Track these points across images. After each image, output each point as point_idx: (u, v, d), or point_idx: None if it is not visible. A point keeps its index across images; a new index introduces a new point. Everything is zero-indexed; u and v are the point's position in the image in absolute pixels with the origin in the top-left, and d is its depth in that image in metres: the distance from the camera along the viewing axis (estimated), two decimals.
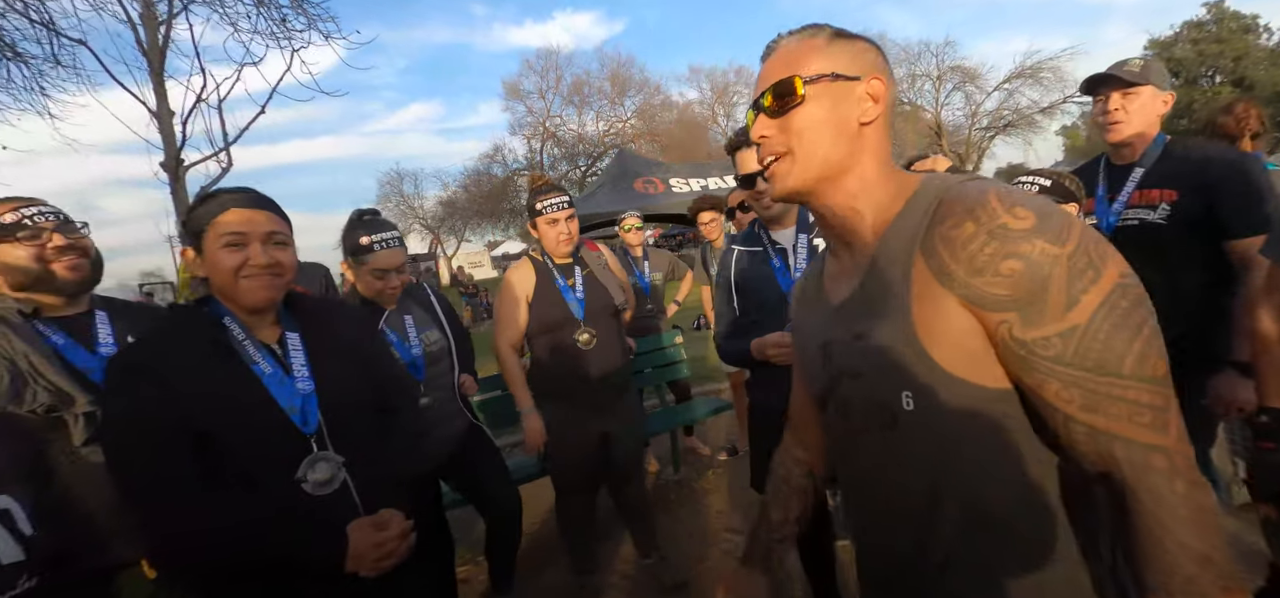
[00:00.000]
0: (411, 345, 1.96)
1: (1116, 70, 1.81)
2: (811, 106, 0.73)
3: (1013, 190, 0.63)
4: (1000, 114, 27.26)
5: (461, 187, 30.31)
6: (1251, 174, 1.67)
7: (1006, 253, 0.59)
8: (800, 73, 0.73)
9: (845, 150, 0.73)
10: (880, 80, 0.73)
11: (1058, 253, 0.58)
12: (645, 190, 13.31)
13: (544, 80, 30.14)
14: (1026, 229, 0.59)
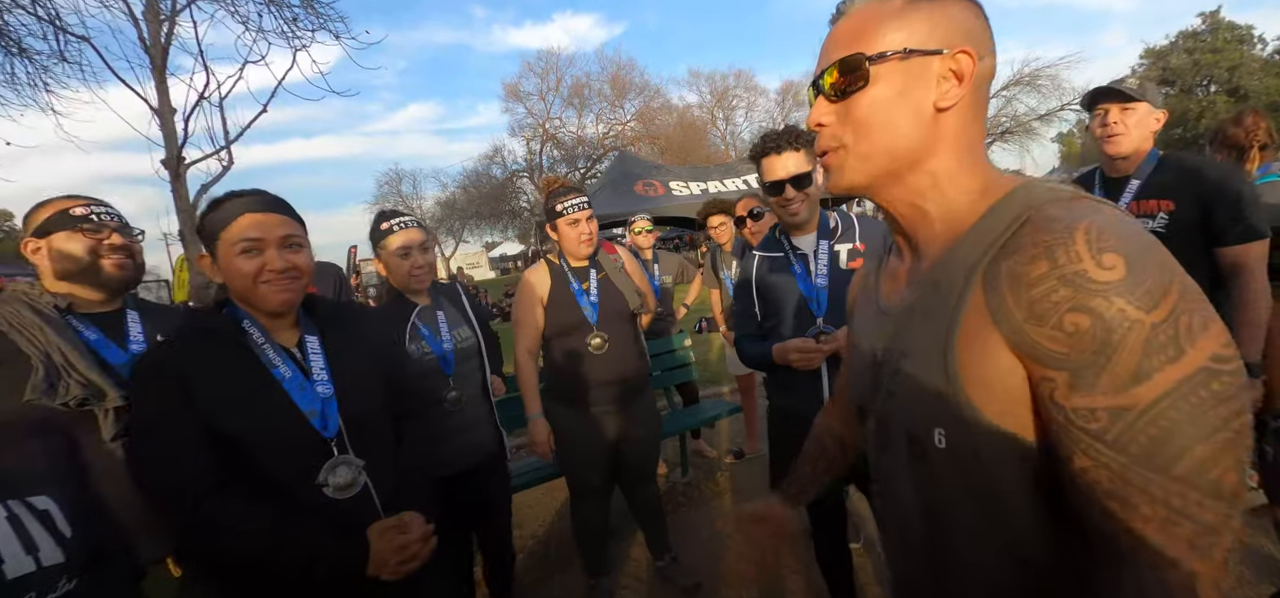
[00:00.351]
0: (443, 340, 1.95)
1: (1116, 85, 1.87)
2: (876, 90, 0.62)
3: (1114, 227, 0.51)
4: (998, 121, 27.37)
5: (460, 187, 30.31)
6: (1240, 184, 1.74)
7: (1076, 304, 0.49)
8: (865, 49, 0.62)
9: (915, 141, 0.63)
10: (968, 54, 0.60)
11: (1139, 319, 0.47)
12: (645, 193, 13.33)
13: (544, 82, 30.16)
14: (1109, 282, 0.49)
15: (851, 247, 1.77)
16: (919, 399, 0.63)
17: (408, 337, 1.90)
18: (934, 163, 0.64)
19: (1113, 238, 0.50)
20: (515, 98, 30.36)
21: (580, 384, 2.13)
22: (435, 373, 1.91)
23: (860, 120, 0.63)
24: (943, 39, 0.61)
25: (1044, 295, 0.51)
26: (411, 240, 1.92)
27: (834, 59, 0.64)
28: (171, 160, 5.86)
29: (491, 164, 30.01)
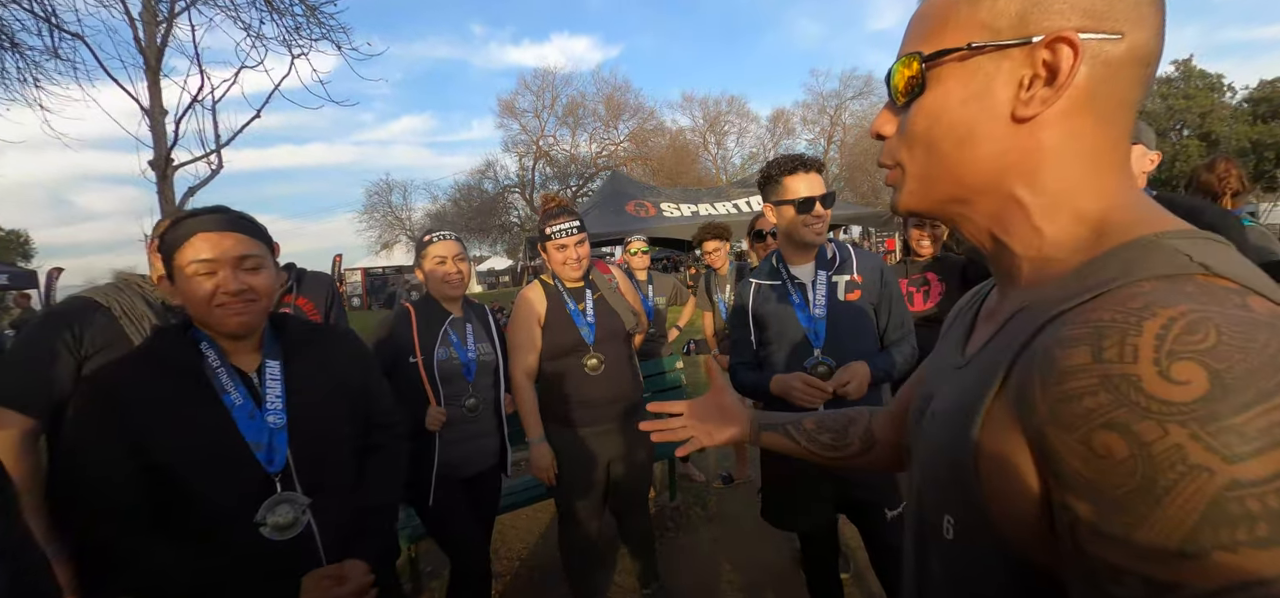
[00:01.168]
0: (468, 349, 2.08)
1: None
2: (934, 97, 0.50)
3: (1218, 328, 0.35)
4: None
5: (451, 200, 30.26)
6: (1236, 228, 1.81)
7: (1111, 420, 0.35)
8: (926, 45, 0.50)
9: (988, 160, 0.49)
10: (1070, 43, 0.44)
11: (1212, 467, 0.32)
12: (636, 213, 13.40)
13: (539, 100, 30.39)
14: (1169, 401, 0.33)
15: (849, 278, 1.77)
16: (936, 476, 0.52)
17: (439, 340, 2.02)
18: (1019, 188, 0.49)
19: (1204, 342, 0.34)
20: (510, 114, 30.53)
21: (576, 405, 2.11)
22: (459, 378, 2.02)
23: (917, 135, 0.52)
24: (1036, 23, 0.45)
25: (1074, 395, 0.37)
26: (447, 251, 2.08)
27: (901, 53, 0.52)
28: (160, 161, 5.78)
29: (483, 178, 30.08)
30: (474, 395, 2.06)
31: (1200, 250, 0.42)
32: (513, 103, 30.52)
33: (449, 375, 2.01)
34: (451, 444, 2.01)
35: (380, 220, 31.30)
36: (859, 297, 1.76)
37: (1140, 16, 0.45)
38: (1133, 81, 0.46)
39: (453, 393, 2.02)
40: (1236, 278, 0.39)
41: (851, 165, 30.23)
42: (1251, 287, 0.38)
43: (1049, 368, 0.39)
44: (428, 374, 1.98)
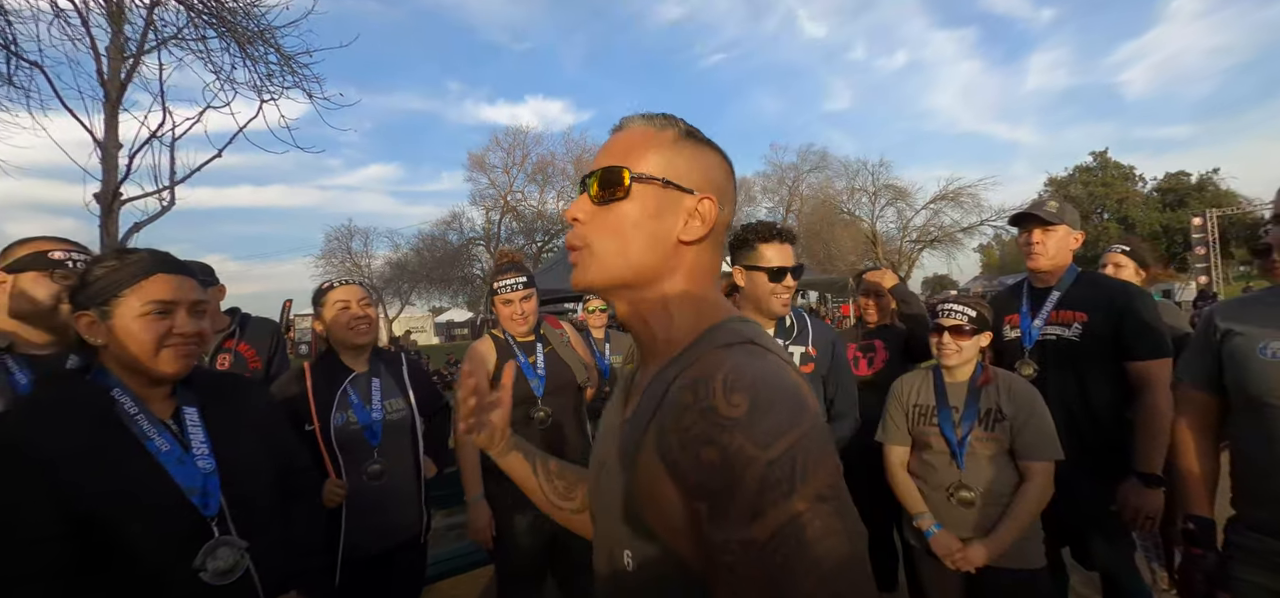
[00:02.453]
0: (372, 409, 1.89)
1: (1037, 210, 2.10)
2: (631, 205, 0.66)
3: (753, 371, 0.55)
4: (927, 230, 29.98)
5: (413, 249, 29.81)
6: (1147, 306, 1.94)
7: (708, 438, 0.53)
8: (631, 166, 0.66)
9: (654, 261, 0.67)
10: (712, 201, 0.67)
11: (755, 455, 0.51)
12: None
13: (510, 156, 30.75)
14: (734, 419, 0.52)
15: (805, 350, 1.83)
16: (613, 516, 0.65)
17: (336, 404, 1.84)
18: (667, 287, 0.68)
19: (746, 380, 0.54)
20: (480, 168, 30.72)
21: None
22: (360, 444, 1.84)
23: (611, 227, 0.67)
24: (698, 181, 0.67)
25: (688, 426, 0.55)
26: (350, 295, 1.93)
27: (609, 165, 0.67)
28: (107, 194, 5.52)
29: (448, 229, 29.86)
30: (379, 460, 1.86)
31: (746, 327, 0.65)
32: (483, 158, 30.79)
33: (348, 442, 1.83)
34: (357, 518, 1.81)
35: (338, 266, 30.42)
36: (812, 369, 1.81)
37: (733, 202, 0.72)
38: (722, 239, 0.72)
39: (354, 461, 1.83)
40: (759, 343, 0.62)
41: (809, 233, 31.52)
42: (768, 349, 0.62)
43: (672, 414, 0.57)
44: (324, 443, 1.80)
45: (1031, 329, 2.07)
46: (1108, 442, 1.93)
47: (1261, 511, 1.28)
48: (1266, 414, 1.25)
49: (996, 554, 1.69)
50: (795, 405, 0.54)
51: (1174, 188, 31.58)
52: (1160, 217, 30.31)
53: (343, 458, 1.82)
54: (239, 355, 2.30)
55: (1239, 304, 1.40)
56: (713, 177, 0.69)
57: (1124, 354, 1.91)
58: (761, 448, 0.51)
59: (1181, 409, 1.49)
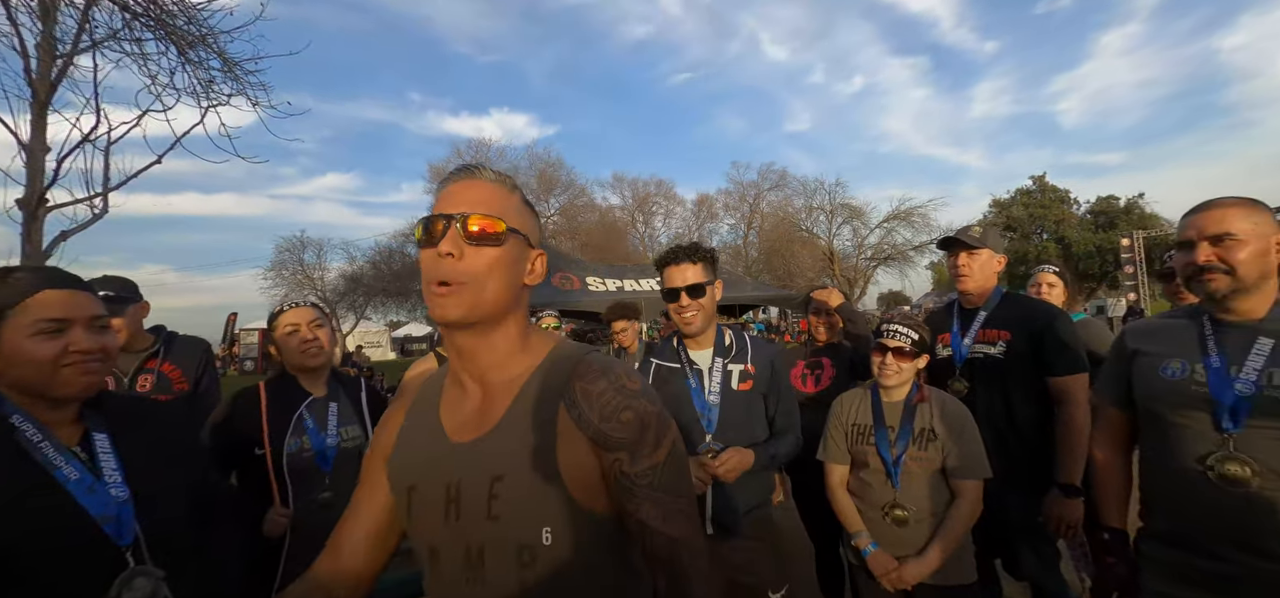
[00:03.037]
0: (327, 435, 1.83)
1: (961, 235, 2.21)
2: (504, 253, 0.80)
3: (617, 361, 0.86)
4: (881, 248, 31.06)
5: (370, 261, 28.94)
6: (1066, 325, 2.06)
7: (626, 406, 0.80)
8: (508, 219, 0.81)
9: (510, 300, 0.82)
10: (542, 254, 0.88)
11: (653, 409, 0.82)
12: (562, 286, 13.44)
13: None
14: (636, 390, 0.82)
15: (743, 368, 1.85)
16: (526, 508, 0.78)
17: (291, 429, 1.77)
18: (514, 321, 0.85)
19: (627, 368, 0.86)
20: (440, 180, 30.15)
21: None
22: (312, 471, 1.78)
23: (485, 269, 0.79)
24: (534, 235, 0.88)
25: (609, 402, 0.80)
26: (300, 317, 1.88)
27: (478, 210, 0.79)
28: (31, 200, 5.14)
29: (407, 241, 29.09)
30: (330, 489, 1.77)
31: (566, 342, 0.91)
32: (444, 170, 30.23)
33: (300, 469, 1.76)
34: (301, 548, 1.68)
35: (289, 279, 29.21)
36: (751, 386, 1.84)
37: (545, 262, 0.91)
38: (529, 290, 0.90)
39: (304, 489, 1.76)
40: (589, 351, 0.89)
41: (769, 250, 32.21)
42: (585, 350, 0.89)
43: (589, 398, 0.81)
44: (274, 469, 1.72)
45: (961, 348, 2.16)
46: (1033, 455, 2.02)
47: (1163, 521, 1.36)
48: (1167, 429, 1.33)
49: (929, 573, 1.74)
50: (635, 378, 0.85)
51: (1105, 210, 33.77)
52: (1093, 237, 32.26)
53: (292, 485, 1.75)
54: (162, 376, 2.18)
55: (1146, 326, 1.49)
56: (538, 236, 0.89)
57: (1044, 370, 2.01)
58: (654, 403, 0.83)
59: (1097, 425, 1.57)
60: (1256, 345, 1.24)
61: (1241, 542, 1.20)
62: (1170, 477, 1.32)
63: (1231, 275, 1.25)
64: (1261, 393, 1.20)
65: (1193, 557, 1.28)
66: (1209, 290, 1.28)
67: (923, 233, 29.65)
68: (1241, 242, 1.24)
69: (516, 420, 0.81)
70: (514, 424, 0.81)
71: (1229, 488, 1.21)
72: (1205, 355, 1.29)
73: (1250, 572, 1.19)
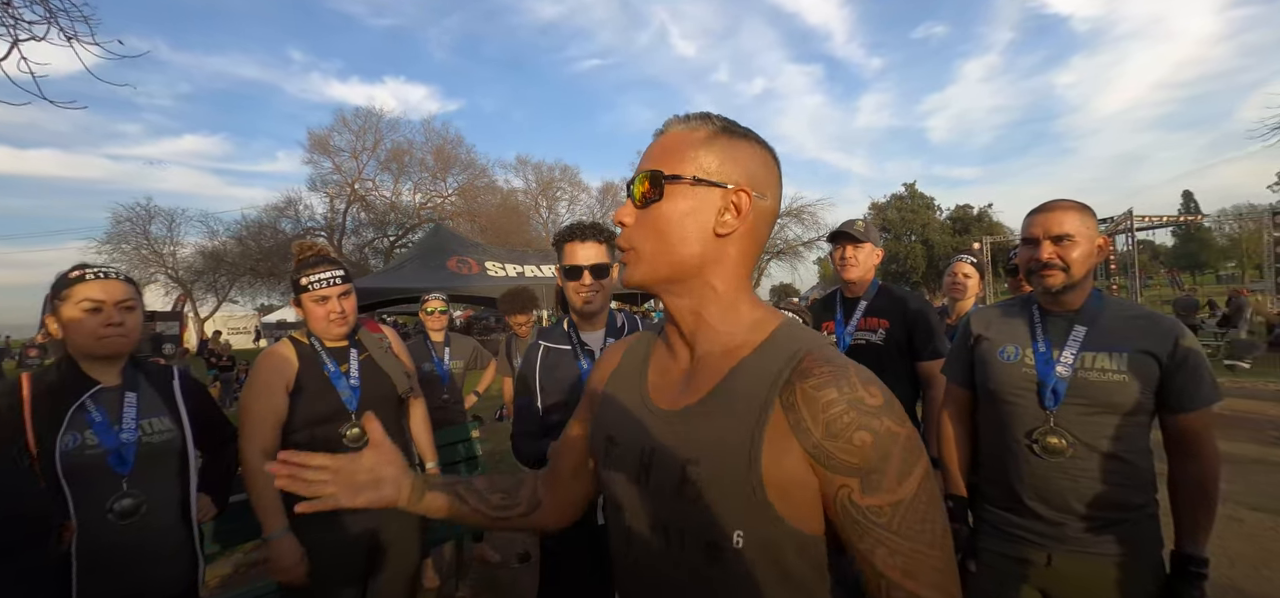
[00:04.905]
0: (121, 429, 1.51)
1: (847, 228, 2.36)
2: (669, 206, 0.71)
3: (855, 365, 0.67)
4: (773, 243, 33.05)
5: (235, 237, 25.70)
6: (932, 314, 2.26)
7: (861, 425, 0.63)
8: (665, 168, 0.71)
9: (696, 255, 0.71)
10: (747, 194, 0.70)
11: (899, 432, 0.63)
12: (459, 270, 12.80)
13: (360, 140, 27.97)
14: (878, 407, 0.64)
15: None
16: (719, 501, 0.67)
17: (67, 423, 1.44)
18: (713, 279, 0.73)
19: (867, 374, 0.66)
20: (323, 150, 27.53)
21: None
22: (102, 474, 1.46)
23: (653, 228, 0.72)
24: (731, 175, 0.71)
25: (838, 415, 0.63)
26: (106, 293, 1.52)
27: (644, 170, 0.73)
28: None
29: (282, 217, 26.27)
30: (131, 494, 1.50)
31: (802, 327, 0.73)
32: (327, 139, 27.65)
33: (83, 471, 1.45)
34: (95, 571, 1.44)
35: (130, 254, 25.13)
36: (611, 353, 1.80)
37: (773, 186, 0.74)
38: (766, 227, 0.75)
39: (92, 496, 1.46)
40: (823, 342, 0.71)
41: None
42: None
43: (814, 406, 0.65)
44: (44, 472, 1.41)
45: (845, 335, 2.31)
46: None
47: (995, 487, 1.51)
48: (1001, 407, 1.47)
49: None
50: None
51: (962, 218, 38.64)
52: (952, 240, 36.75)
53: (73, 492, 1.42)
54: None
55: (987, 313, 1.63)
56: (748, 169, 0.71)
57: (914, 356, 2.20)
58: (901, 425, 0.64)
59: (945, 403, 1.71)
60: (1073, 333, 1.40)
61: (1057, 503, 1.37)
62: (1003, 449, 1.47)
63: (1067, 272, 1.39)
64: (1076, 375, 1.36)
65: (1016, 516, 1.44)
66: (1047, 284, 1.41)
67: (811, 230, 31.98)
68: (1076, 241, 1.38)
69: (721, 403, 0.69)
70: (717, 407, 0.69)
71: (1049, 458, 1.37)
72: (1033, 342, 1.44)
73: (1057, 528, 1.37)
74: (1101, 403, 1.34)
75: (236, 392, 12.23)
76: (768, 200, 0.73)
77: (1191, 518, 1.34)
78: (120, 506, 1.47)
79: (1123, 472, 1.33)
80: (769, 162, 0.74)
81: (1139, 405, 1.33)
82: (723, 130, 0.72)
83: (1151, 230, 19.65)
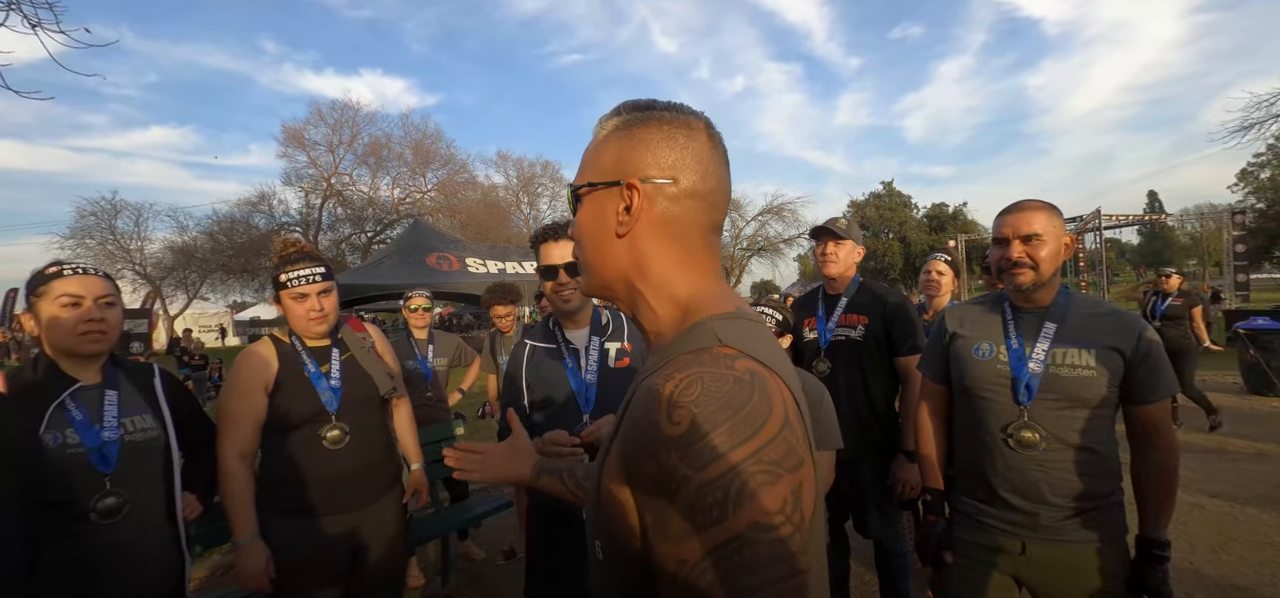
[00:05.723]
0: (102, 427, 1.49)
1: (830, 225, 2.41)
2: (581, 217, 0.68)
3: (703, 384, 0.51)
4: (755, 240, 33.32)
5: (206, 232, 25.02)
6: (911, 310, 2.31)
7: (648, 452, 0.51)
8: (577, 179, 0.68)
9: (610, 263, 0.66)
10: (633, 188, 0.62)
11: (690, 476, 0.48)
12: (439, 266, 12.64)
13: (336, 134, 27.37)
14: (669, 437, 0.49)
15: (620, 345, 1.82)
16: (588, 508, 0.65)
17: (47, 422, 1.41)
18: (637, 281, 0.65)
19: (693, 395, 0.50)
20: (298, 144, 26.88)
21: (309, 488, 1.75)
22: (86, 472, 1.44)
23: (579, 241, 0.69)
24: (621, 169, 0.64)
25: (634, 438, 0.53)
26: (86, 289, 1.50)
27: None
28: None
29: (255, 211, 25.64)
30: (114, 493, 1.47)
31: (726, 328, 0.58)
32: (302, 132, 26.99)
33: (65, 471, 1.43)
34: (76, 574, 1.41)
35: (95, 250, 24.33)
36: (628, 363, 1.81)
37: (686, 166, 0.64)
38: (695, 209, 0.64)
39: (78, 495, 1.45)
40: (738, 347, 0.55)
41: None
42: (744, 351, 0.55)
43: (628, 420, 0.55)
44: None
45: (826, 331, 2.35)
46: (884, 427, 2.27)
47: (970, 480, 1.55)
48: (977, 403, 1.51)
49: None
50: (745, 424, 0.49)
51: (937, 215, 39.38)
52: (928, 238, 37.45)
53: (57, 493, 1.41)
54: None
55: (961, 311, 1.67)
56: (646, 157, 0.63)
57: (893, 351, 2.25)
58: (694, 469, 0.48)
59: (922, 398, 1.76)
60: (1044, 329, 1.45)
61: (1031, 494, 1.42)
62: (979, 443, 1.51)
63: (1036, 270, 1.44)
64: (1048, 371, 1.41)
65: (992, 507, 1.48)
66: (1017, 283, 1.46)
67: (792, 227, 32.32)
68: (1044, 241, 1.43)
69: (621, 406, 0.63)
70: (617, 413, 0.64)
71: (1023, 451, 1.41)
72: (1007, 339, 1.49)
73: (1031, 518, 1.42)
74: (1072, 397, 1.39)
75: (211, 392, 11.93)
76: (681, 181, 0.63)
77: (1154, 504, 1.40)
78: (103, 505, 1.45)
79: (1091, 462, 1.39)
80: (679, 139, 0.63)
81: (1105, 399, 1.38)
82: (624, 122, 0.65)
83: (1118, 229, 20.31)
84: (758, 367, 0.54)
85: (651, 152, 0.63)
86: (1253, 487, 4.01)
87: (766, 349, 0.58)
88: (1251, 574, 2.88)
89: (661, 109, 0.66)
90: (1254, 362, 6.93)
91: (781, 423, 0.50)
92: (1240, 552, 3.11)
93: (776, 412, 0.51)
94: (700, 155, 0.64)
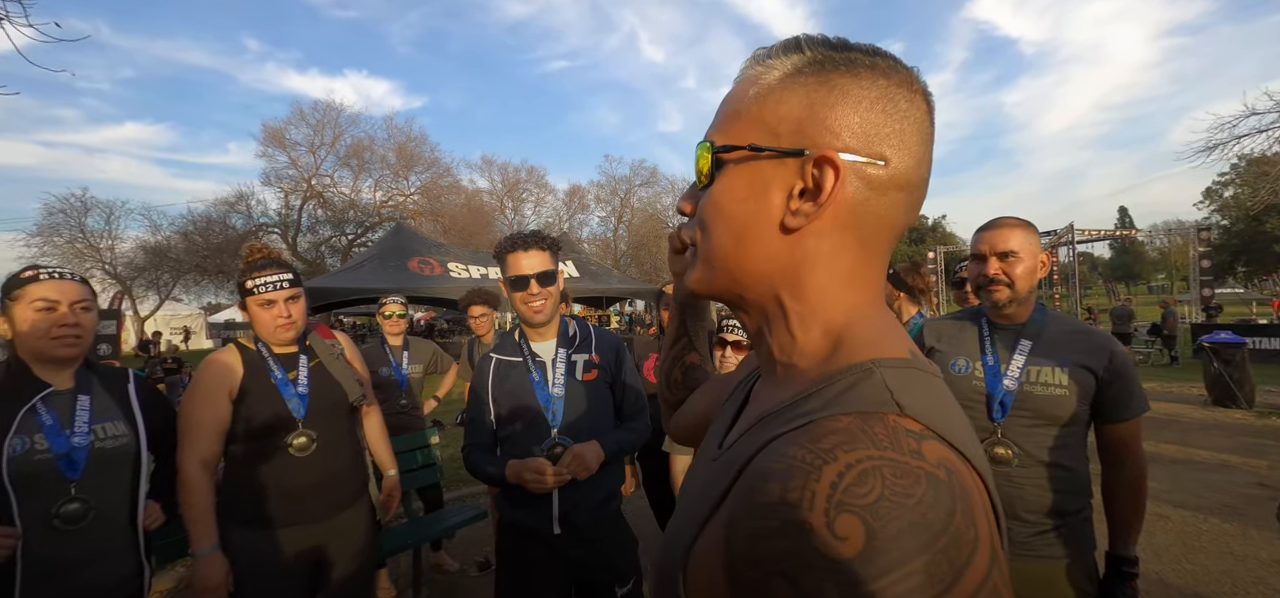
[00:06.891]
0: (72, 433, 1.48)
1: None
2: (720, 189, 0.48)
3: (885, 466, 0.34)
4: None
5: (180, 232, 24.46)
6: None
7: (786, 571, 0.34)
8: (715, 135, 0.49)
9: (757, 261, 0.47)
10: (831, 162, 0.43)
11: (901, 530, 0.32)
12: (420, 270, 12.52)
13: (317, 135, 27.01)
14: (829, 558, 0.32)
15: (587, 357, 1.79)
16: (660, 574, 0.47)
17: (16, 427, 1.39)
18: (784, 294, 0.47)
19: (870, 497, 0.33)
20: (278, 144, 26.48)
21: (274, 498, 1.70)
22: (51, 478, 1.42)
23: (704, 220, 0.49)
24: (810, 135, 0.44)
25: (763, 534, 0.36)
26: (61, 293, 1.48)
27: (708, 132, 0.50)
28: None
29: (232, 212, 25.14)
30: (78, 498, 1.45)
31: (903, 384, 0.41)
32: (282, 132, 26.61)
33: (32, 476, 1.41)
34: (38, 578, 1.39)
35: (64, 247, 23.63)
36: (596, 376, 1.79)
37: (904, 144, 0.45)
38: (896, 205, 0.46)
39: (39, 500, 1.42)
40: (921, 419, 0.39)
41: (637, 244, 33.10)
42: (932, 428, 0.38)
43: (749, 500, 0.38)
44: None
45: None
46: None
47: None
48: None
49: None
50: (946, 563, 0.32)
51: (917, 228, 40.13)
52: (909, 250, 38.19)
53: (19, 497, 1.38)
54: None
55: (939, 324, 1.68)
56: (856, 120, 0.43)
57: None
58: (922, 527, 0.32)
59: None
60: (1019, 346, 1.46)
61: (1003, 510, 1.41)
62: None
63: (1011, 287, 1.45)
64: (1022, 388, 1.42)
65: None
66: (994, 299, 1.47)
67: None
68: (1020, 258, 1.45)
69: (724, 462, 0.45)
70: (720, 466, 0.45)
71: (996, 467, 1.42)
72: (983, 355, 1.50)
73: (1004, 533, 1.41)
74: (1045, 415, 1.40)
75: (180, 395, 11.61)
76: (893, 164, 0.44)
77: (1124, 520, 1.42)
78: (65, 510, 1.44)
79: (1063, 479, 1.40)
80: (899, 103, 0.45)
81: (1076, 416, 1.40)
82: (815, 63, 0.45)
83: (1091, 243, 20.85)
84: (953, 457, 0.37)
85: (860, 114, 0.44)
86: (1216, 496, 4.11)
87: (958, 423, 0.41)
88: (1214, 584, 2.95)
89: (872, 56, 0.46)
90: (1218, 374, 7.15)
91: (989, 560, 0.34)
92: (1204, 561, 3.18)
93: (984, 540, 0.34)
94: (921, 131, 0.46)
